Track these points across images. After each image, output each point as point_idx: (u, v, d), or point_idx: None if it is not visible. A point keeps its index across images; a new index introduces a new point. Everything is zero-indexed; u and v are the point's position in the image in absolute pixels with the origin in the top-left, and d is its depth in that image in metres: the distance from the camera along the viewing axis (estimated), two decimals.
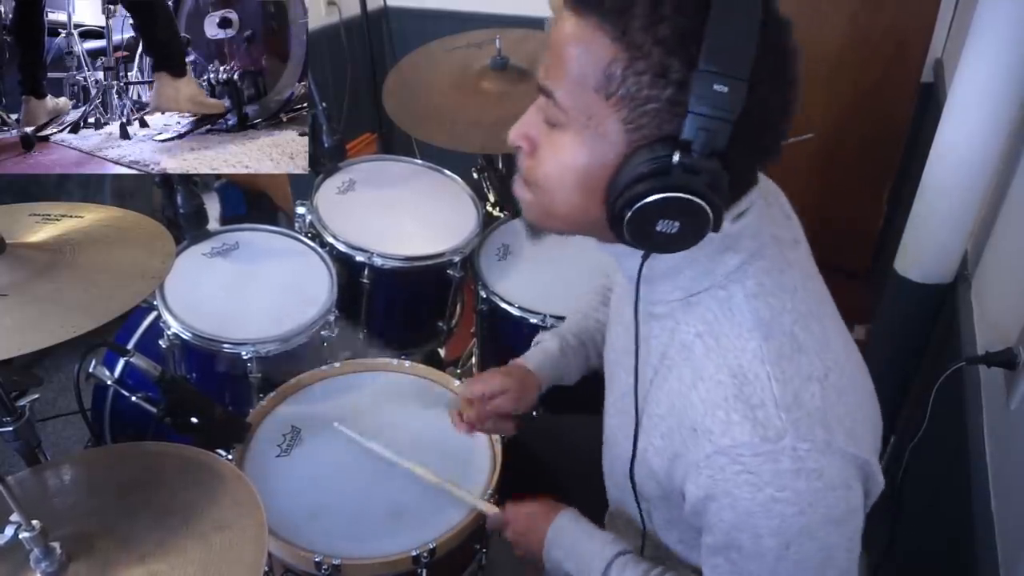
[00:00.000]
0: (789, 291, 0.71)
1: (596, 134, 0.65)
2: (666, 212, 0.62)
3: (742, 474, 0.65)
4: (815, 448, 0.64)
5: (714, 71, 0.57)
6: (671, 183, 0.61)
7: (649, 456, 0.76)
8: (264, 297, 1.38)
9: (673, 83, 0.59)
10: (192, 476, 0.88)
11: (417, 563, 0.98)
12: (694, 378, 0.70)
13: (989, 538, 1.00)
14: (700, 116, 0.58)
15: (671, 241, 0.64)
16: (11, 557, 0.75)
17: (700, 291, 0.71)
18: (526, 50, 1.70)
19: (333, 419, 1.17)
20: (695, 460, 0.68)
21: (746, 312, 0.69)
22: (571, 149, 0.66)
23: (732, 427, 0.66)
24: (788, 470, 0.64)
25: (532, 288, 1.49)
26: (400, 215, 1.59)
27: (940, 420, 1.26)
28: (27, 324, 0.83)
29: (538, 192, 0.72)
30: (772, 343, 0.67)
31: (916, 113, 2.38)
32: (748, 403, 0.66)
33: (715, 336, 0.70)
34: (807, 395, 0.66)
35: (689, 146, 0.60)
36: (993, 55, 1.28)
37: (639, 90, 0.61)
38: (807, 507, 0.64)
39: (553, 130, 0.68)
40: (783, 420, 0.64)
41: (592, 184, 0.66)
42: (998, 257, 1.36)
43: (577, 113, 0.65)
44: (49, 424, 1.85)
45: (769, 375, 0.66)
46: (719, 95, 0.58)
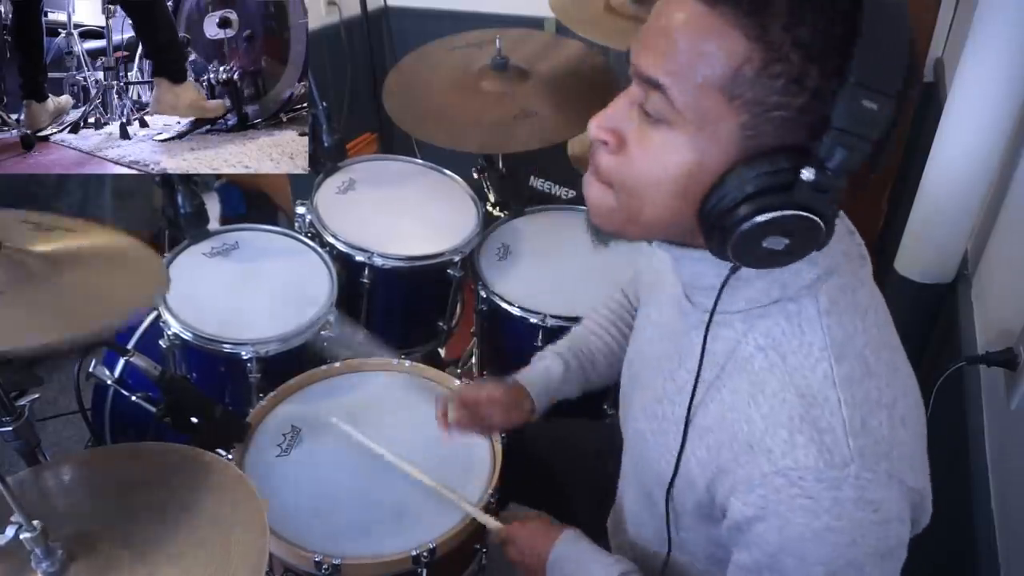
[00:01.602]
0: (861, 312, 0.67)
1: (709, 136, 0.59)
2: (782, 229, 0.58)
3: (799, 498, 0.62)
4: (877, 479, 0.62)
5: (866, 85, 0.53)
6: (797, 201, 0.56)
7: (692, 467, 0.73)
8: (264, 297, 1.38)
9: (808, 91, 0.55)
10: (192, 476, 0.88)
11: (417, 563, 0.98)
12: (753, 392, 0.67)
13: (989, 538, 1.00)
14: (843, 133, 0.54)
15: (773, 257, 0.60)
16: (12, 557, 0.75)
17: (767, 303, 0.67)
18: (526, 50, 1.70)
19: (333, 419, 1.17)
20: (748, 477, 0.65)
21: (818, 330, 0.65)
22: (677, 150, 0.61)
23: (796, 449, 0.63)
24: (849, 499, 0.61)
25: (532, 288, 1.48)
26: (400, 215, 1.59)
27: (940, 420, 1.26)
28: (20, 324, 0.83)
29: (623, 195, 0.66)
30: (844, 366, 0.64)
31: (916, 113, 2.37)
32: (815, 426, 0.63)
33: (781, 353, 0.66)
34: (875, 423, 0.63)
35: (823, 163, 0.55)
36: (993, 55, 1.28)
37: (768, 95, 0.56)
38: (859, 538, 0.62)
39: (654, 126, 0.62)
40: (850, 448, 0.62)
41: (692, 190, 0.61)
42: (998, 257, 1.36)
43: (691, 112, 0.59)
44: (49, 424, 1.84)
45: (840, 400, 0.63)
46: (867, 112, 0.53)
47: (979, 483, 1.08)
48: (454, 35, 1.78)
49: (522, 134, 1.53)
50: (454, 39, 1.77)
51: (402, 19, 2.91)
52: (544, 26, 2.48)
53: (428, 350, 1.71)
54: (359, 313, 1.55)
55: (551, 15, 1.73)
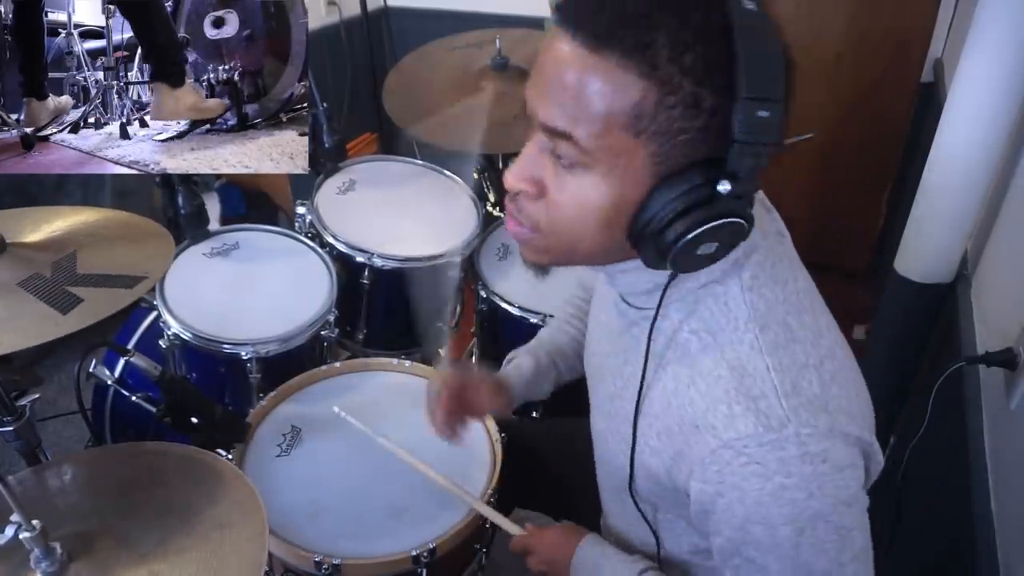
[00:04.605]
0: (781, 282, 0.71)
1: (623, 170, 0.62)
2: (713, 236, 0.62)
3: (749, 465, 0.65)
4: (817, 432, 0.64)
5: (755, 97, 0.57)
6: (720, 211, 0.61)
7: (646, 457, 0.76)
8: (264, 297, 1.38)
9: (705, 112, 0.59)
10: (192, 476, 0.88)
11: (417, 563, 0.98)
12: (691, 374, 0.70)
13: (989, 538, 1.00)
14: (746, 144, 0.58)
15: (706, 260, 0.65)
16: (11, 557, 0.75)
17: (698, 288, 0.71)
18: (526, 50, 1.70)
19: (333, 419, 1.17)
20: (700, 456, 0.68)
21: (742, 305, 0.69)
22: (595, 188, 0.64)
23: (735, 420, 0.66)
24: (794, 456, 0.64)
25: (532, 288, 1.48)
26: (400, 215, 1.59)
27: (940, 420, 1.26)
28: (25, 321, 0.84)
29: (553, 237, 0.70)
30: (768, 334, 0.68)
31: (916, 113, 2.37)
32: (749, 395, 0.66)
33: (711, 332, 0.70)
34: (804, 383, 0.66)
35: (735, 174, 0.59)
36: (993, 55, 1.28)
37: (671, 123, 0.59)
38: (816, 490, 0.64)
39: (568, 170, 0.65)
40: (784, 409, 0.65)
41: (617, 219, 0.65)
42: (998, 257, 1.36)
43: (601, 152, 0.62)
44: (49, 424, 1.84)
45: (768, 366, 0.67)
46: (762, 120, 0.57)
47: (979, 483, 1.08)
48: (454, 35, 1.78)
49: (522, 134, 1.52)
50: (454, 39, 1.77)
51: (402, 19, 2.91)
52: (544, 26, 2.48)
53: (428, 350, 1.71)
54: (359, 313, 1.55)
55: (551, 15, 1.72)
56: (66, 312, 0.87)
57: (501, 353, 1.61)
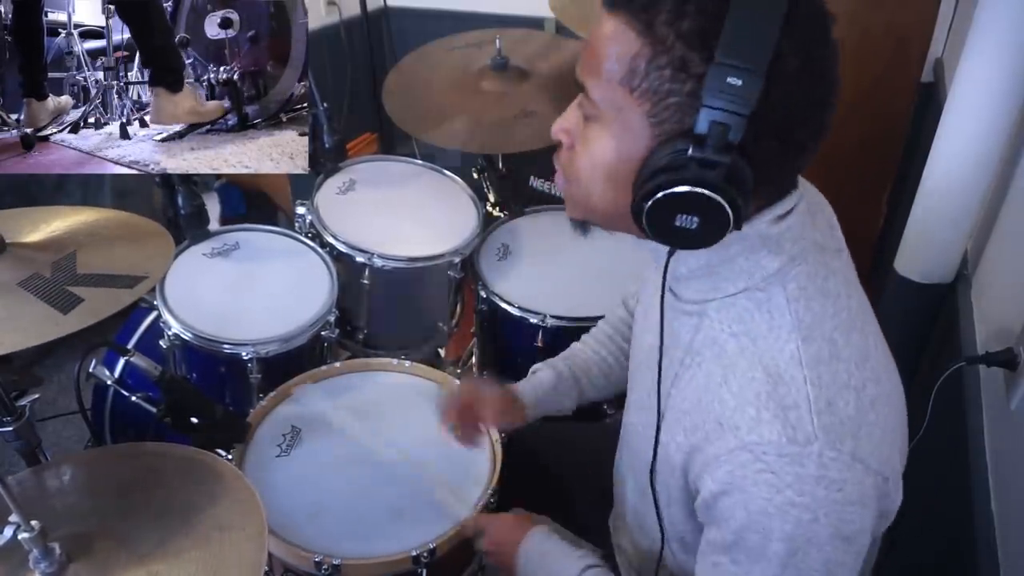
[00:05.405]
0: (832, 297, 0.69)
1: (623, 128, 0.65)
2: (683, 207, 0.62)
3: (763, 473, 0.64)
4: (840, 459, 0.63)
5: (729, 64, 0.57)
6: (685, 177, 0.61)
7: (671, 452, 0.75)
8: (264, 297, 1.38)
9: (693, 77, 0.60)
10: (192, 476, 0.88)
11: (417, 563, 0.98)
12: (725, 373, 0.69)
13: (989, 538, 1.00)
14: (713, 110, 0.58)
15: (692, 237, 0.64)
16: (10, 557, 0.75)
17: (736, 292, 0.70)
18: (526, 50, 1.70)
19: (333, 419, 1.17)
20: (716, 453, 0.67)
21: (786, 314, 0.67)
22: (601, 142, 0.68)
23: (761, 425, 0.64)
24: (811, 475, 0.62)
25: (532, 288, 1.48)
26: (400, 215, 1.59)
27: (940, 420, 1.26)
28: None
29: (575, 186, 0.73)
30: (811, 347, 0.66)
31: (916, 113, 2.37)
32: (781, 403, 0.64)
33: (751, 337, 0.68)
34: (841, 403, 0.65)
35: (703, 140, 0.59)
36: (993, 55, 1.28)
37: (661, 84, 0.62)
38: (822, 516, 0.63)
39: (588, 123, 0.69)
40: (814, 425, 0.63)
41: (621, 178, 0.67)
42: (998, 257, 1.36)
43: (606, 107, 0.66)
44: (49, 424, 1.84)
45: (806, 378, 0.65)
46: (733, 88, 0.57)
47: (979, 483, 1.08)
48: (454, 35, 1.78)
49: (522, 134, 1.53)
50: (454, 39, 1.77)
51: (402, 19, 2.91)
52: (544, 26, 2.48)
53: (428, 350, 1.71)
54: (359, 313, 1.55)
55: (551, 15, 1.73)
56: (66, 312, 0.87)
57: (501, 353, 1.61)
